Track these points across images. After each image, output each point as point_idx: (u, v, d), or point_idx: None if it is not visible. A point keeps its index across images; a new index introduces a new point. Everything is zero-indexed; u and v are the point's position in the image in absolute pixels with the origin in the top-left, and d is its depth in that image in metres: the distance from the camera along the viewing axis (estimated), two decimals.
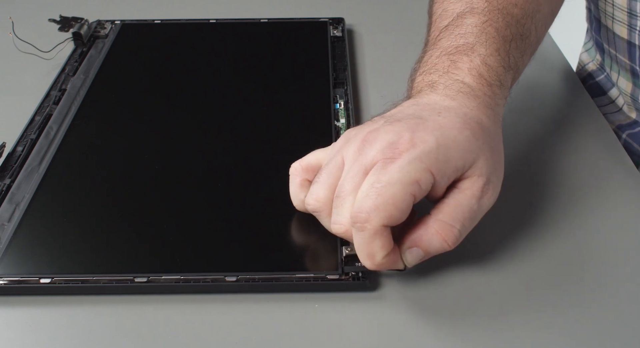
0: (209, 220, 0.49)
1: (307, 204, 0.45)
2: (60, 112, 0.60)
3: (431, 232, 0.42)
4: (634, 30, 0.59)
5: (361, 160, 0.42)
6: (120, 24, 0.72)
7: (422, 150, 0.41)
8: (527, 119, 0.59)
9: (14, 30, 0.67)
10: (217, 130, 0.57)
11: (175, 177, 0.52)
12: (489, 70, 0.46)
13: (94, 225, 0.48)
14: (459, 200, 0.42)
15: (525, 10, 0.51)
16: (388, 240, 0.41)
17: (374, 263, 0.42)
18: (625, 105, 0.67)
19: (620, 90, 0.66)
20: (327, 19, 0.72)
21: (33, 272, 0.44)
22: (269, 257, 0.46)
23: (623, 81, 0.65)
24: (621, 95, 0.67)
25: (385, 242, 0.41)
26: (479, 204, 0.42)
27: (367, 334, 0.42)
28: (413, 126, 0.42)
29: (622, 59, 0.63)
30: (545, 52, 0.70)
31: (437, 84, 0.46)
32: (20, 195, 0.51)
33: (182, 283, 0.44)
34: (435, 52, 0.49)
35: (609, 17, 0.62)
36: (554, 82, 0.66)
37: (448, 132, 0.42)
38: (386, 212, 0.40)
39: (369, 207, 0.40)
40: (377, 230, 0.40)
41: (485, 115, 0.45)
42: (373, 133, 0.43)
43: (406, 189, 0.40)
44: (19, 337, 0.42)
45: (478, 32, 0.48)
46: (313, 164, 0.46)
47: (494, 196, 0.43)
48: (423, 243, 0.42)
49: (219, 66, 0.66)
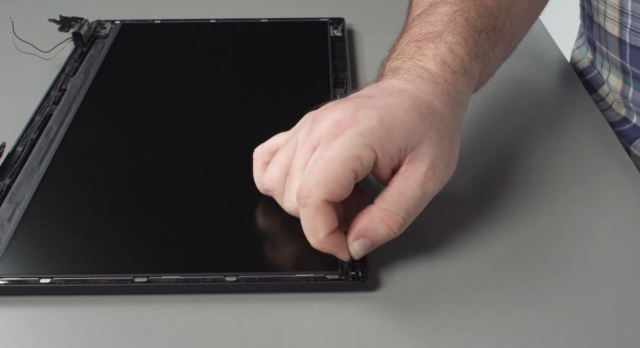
0: (208, 220, 0.49)
1: (263, 183, 0.46)
2: (60, 112, 0.60)
3: (376, 221, 0.42)
4: (625, 28, 0.59)
5: (310, 138, 0.43)
6: (120, 24, 0.72)
7: (364, 127, 0.42)
8: (522, 116, 0.60)
9: (14, 30, 0.67)
10: (217, 130, 0.57)
11: (175, 177, 0.52)
12: (454, 58, 0.46)
13: (93, 225, 0.48)
14: (402, 188, 0.42)
15: (501, 3, 0.51)
16: (331, 217, 0.42)
17: (317, 240, 0.42)
18: (615, 103, 0.67)
19: (610, 88, 0.67)
20: (327, 19, 0.72)
21: (33, 272, 0.44)
22: (269, 257, 0.46)
23: (613, 78, 0.65)
24: (611, 93, 0.67)
25: (327, 219, 0.41)
26: (422, 191, 0.43)
27: (367, 334, 0.42)
28: (360, 104, 0.43)
29: (613, 56, 0.63)
30: (542, 48, 0.70)
31: (399, 69, 0.47)
32: (20, 195, 0.51)
33: (182, 283, 0.44)
34: (405, 39, 0.49)
35: (601, 15, 0.62)
36: (552, 78, 0.66)
37: (394, 111, 0.43)
38: (327, 187, 0.41)
39: (311, 182, 0.41)
40: (318, 206, 0.41)
41: (442, 101, 0.45)
42: (322, 112, 0.44)
43: (347, 164, 0.41)
44: (19, 337, 0.42)
45: (447, 21, 0.48)
46: (274, 146, 0.47)
47: (439, 183, 0.43)
48: (369, 233, 0.42)
49: (219, 66, 0.66)
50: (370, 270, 0.45)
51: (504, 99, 0.62)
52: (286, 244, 0.47)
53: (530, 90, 0.63)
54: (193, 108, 0.60)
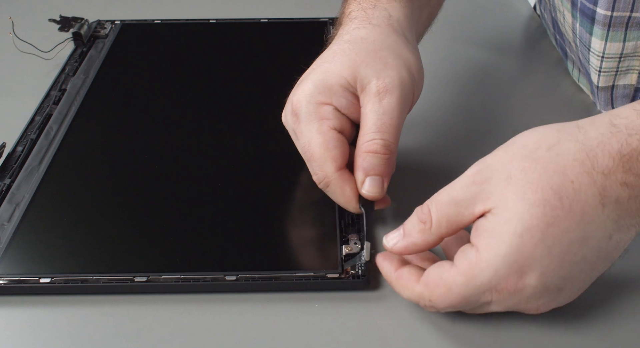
0: (208, 220, 0.49)
1: None
2: (60, 112, 0.60)
3: (364, 157, 0.44)
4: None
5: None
6: (120, 24, 0.72)
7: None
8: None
9: (14, 30, 0.67)
10: (217, 130, 0.57)
11: (175, 177, 0.52)
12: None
13: (93, 225, 0.48)
14: (367, 117, 0.45)
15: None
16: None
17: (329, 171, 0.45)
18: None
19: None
20: (327, 19, 0.72)
21: (33, 271, 0.44)
22: (269, 256, 0.46)
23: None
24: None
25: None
26: (381, 106, 0.44)
27: (367, 334, 0.42)
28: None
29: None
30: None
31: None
32: (20, 195, 0.51)
33: (181, 283, 0.44)
34: None
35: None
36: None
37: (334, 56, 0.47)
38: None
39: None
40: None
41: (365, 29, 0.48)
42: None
43: (323, 128, 0.46)
44: (19, 337, 0.42)
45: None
46: None
47: (395, 95, 0.45)
48: (367, 169, 0.44)
49: (219, 66, 0.66)
50: (370, 269, 0.45)
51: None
52: (286, 243, 0.47)
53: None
54: (193, 108, 0.60)
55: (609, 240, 0.38)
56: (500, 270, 0.37)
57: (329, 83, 0.45)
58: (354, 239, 0.46)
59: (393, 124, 0.45)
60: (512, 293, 0.38)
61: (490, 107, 0.62)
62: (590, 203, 0.37)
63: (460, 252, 0.39)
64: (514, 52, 0.72)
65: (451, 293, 0.39)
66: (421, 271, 0.41)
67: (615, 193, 0.37)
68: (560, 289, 0.38)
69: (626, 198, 0.38)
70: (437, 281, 0.39)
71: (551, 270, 0.37)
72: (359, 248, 0.46)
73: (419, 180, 0.51)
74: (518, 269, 0.37)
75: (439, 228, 0.40)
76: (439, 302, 0.39)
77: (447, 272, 0.39)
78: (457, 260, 0.39)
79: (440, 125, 0.59)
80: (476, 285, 0.38)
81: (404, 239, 0.41)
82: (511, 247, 0.37)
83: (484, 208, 0.38)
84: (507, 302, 0.39)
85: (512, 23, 0.76)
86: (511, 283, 0.37)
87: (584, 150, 0.38)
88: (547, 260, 0.37)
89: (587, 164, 0.38)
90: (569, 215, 0.37)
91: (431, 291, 0.39)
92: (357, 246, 0.46)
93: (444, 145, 0.57)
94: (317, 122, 0.45)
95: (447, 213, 0.39)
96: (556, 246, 0.37)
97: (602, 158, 0.38)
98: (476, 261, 0.38)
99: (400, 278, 0.41)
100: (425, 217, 0.40)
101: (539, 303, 0.39)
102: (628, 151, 0.37)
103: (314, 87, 0.45)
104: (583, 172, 0.37)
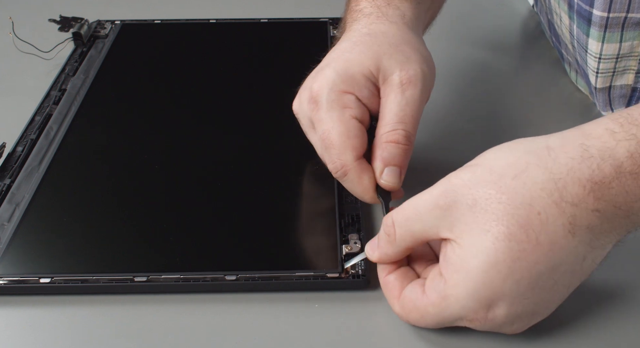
0: (208, 219, 0.49)
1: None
2: (60, 112, 0.60)
3: (384, 147, 0.44)
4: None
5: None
6: (120, 24, 0.72)
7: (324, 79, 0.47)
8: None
9: (14, 30, 0.67)
10: (216, 130, 0.57)
11: (174, 177, 0.52)
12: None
13: (93, 225, 0.48)
14: (388, 108, 0.45)
15: None
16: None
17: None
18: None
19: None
20: (327, 19, 0.72)
21: (33, 272, 0.44)
22: (269, 256, 0.46)
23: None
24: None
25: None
26: (404, 97, 0.45)
27: (367, 334, 0.42)
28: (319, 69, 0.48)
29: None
30: None
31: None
32: (20, 195, 0.51)
33: (181, 283, 0.44)
34: None
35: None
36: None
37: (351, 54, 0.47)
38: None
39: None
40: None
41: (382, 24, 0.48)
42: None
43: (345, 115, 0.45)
44: (19, 337, 0.42)
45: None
46: None
47: (419, 87, 0.45)
48: (387, 160, 0.44)
49: (219, 66, 0.66)
50: (370, 269, 0.45)
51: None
52: (286, 243, 0.47)
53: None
54: (193, 108, 0.60)
55: (582, 261, 0.38)
56: (469, 305, 0.37)
57: (351, 72, 0.45)
58: (354, 239, 0.46)
59: (414, 115, 0.45)
60: (483, 323, 0.38)
61: (488, 106, 0.62)
62: (559, 233, 0.36)
63: (430, 280, 0.39)
64: (513, 51, 0.72)
65: (424, 320, 0.40)
66: (407, 279, 0.41)
67: (587, 220, 0.36)
68: (533, 313, 0.39)
69: (598, 224, 0.37)
70: (411, 307, 0.40)
71: (520, 300, 0.37)
72: (359, 247, 0.46)
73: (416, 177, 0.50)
74: (487, 303, 0.37)
75: (403, 241, 0.40)
76: (415, 324, 0.40)
77: (420, 300, 0.39)
78: (427, 289, 0.39)
79: (438, 124, 0.59)
80: (447, 316, 0.39)
81: (377, 249, 0.42)
82: (478, 284, 0.37)
83: (449, 235, 0.38)
84: (481, 328, 0.39)
85: (511, 22, 0.76)
86: (481, 315, 0.38)
87: (552, 179, 0.37)
88: (515, 292, 0.37)
89: (555, 195, 0.36)
90: (537, 248, 0.36)
91: (407, 314, 0.40)
92: (357, 246, 0.46)
93: (441, 144, 0.57)
94: (339, 110, 0.45)
95: (412, 230, 0.39)
96: (524, 279, 0.36)
97: (572, 186, 0.36)
98: (445, 295, 0.38)
99: (386, 287, 0.42)
100: (389, 229, 0.40)
101: (513, 327, 0.39)
102: (600, 178, 0.36)
103: (337, 75, 0.45)
104: (551, 203, 0.36)
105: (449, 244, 0.38)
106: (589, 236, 0.37)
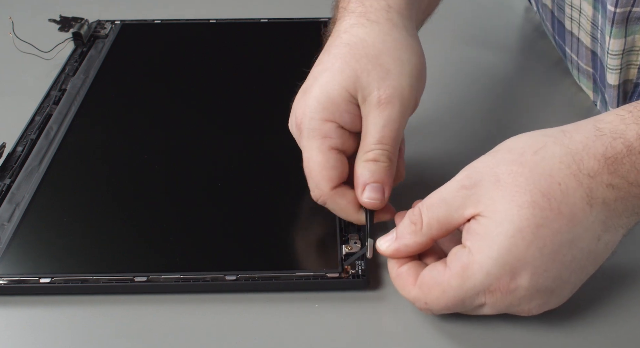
0: (208, 219, 0.49)
1: None
2: (60, 112, 0.60)
3: (363, 166, 0.44)
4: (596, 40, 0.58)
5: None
6: (120, 24, 0.72)
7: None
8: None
9: (14, 30, 0.67)
10: (216, 130, 0.57)
11: (175, 177, 0.52)
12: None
13: (93, 225, 0.48)
14: (367, 129, 0.45)
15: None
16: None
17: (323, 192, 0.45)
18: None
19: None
20: (327, 19, 0.72)
21: (33, 272, 0.44)
22: (269, 256, 0.46)
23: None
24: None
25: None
26: (382, 116, 0.44)
27: (367, 334, 0.42)
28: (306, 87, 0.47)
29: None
30: None
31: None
32: (20, 195, 0.51)
33: (181, 283, 0.44)
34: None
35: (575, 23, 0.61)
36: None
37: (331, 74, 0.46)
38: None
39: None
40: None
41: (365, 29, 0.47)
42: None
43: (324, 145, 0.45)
44: (19, 337, 0.42)
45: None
46: None
47: (397, 104, 0.44)
48: (368, 178, 0.44)
49: (219, 66, 0.66)
50: (370, 269, 0.45)
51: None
52: (286, 243, 0.47)
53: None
54: (193, 108, 0.60)
55: (597, 241, 0.39)
56: (493, 272, 0.38)
57: (331, 97, 0.45)
58: (354, 239, 0.46)
59: (393, 135, 0.44)
60: (504, 294, 0.38)
61: (489, 107, 0.62)
62: (578, 205, 0.38)
63: (452, 254, 0.40)
64: (514, 51, 0.72)
65: (445, 295, 0.39)
66: (421, 268, 0.41)
67: (602, 194, 0.38)
68: (551, 291, 0.39)
69: (612, 200, 0.38)
70: (432, 284, 0.39)
71: (542, 270, 0.38)
72: (359, 247, 0.46)
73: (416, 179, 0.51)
74: (510, 270, 0.37)
75: (429, 229, 0.40)
76: (434, 305, 0.40)
77: (441, 274, 0.39)
78: (449, 262, 0.39)
79: (438, 125, 0.59)
80: (470, 287, 0.38)
81: (395, 241, 0.41)
82: (503, 249, 0.37)
83: (474, 211, 0.39)
84: (500, 304, 0.39)
85: (512, 22, 0.76)
86: (504, 284, 0.38)
87: (570, 153, 0.39)
88: (539, 261, 0.37)
89: (573, 167, 0.38)
90: (558, 217, 0.37)
91: (426, 294, 0.40)
92: (357, 245, 0.46)
93: (441, 145, 0.57)
94: (318, 140, 0.45)
95: (438, 215, 0.40)
96: (547, 247, 0.37)
97: (587, 161, 0.38)
98: (469, 263, 0.38)
99: (399, 278, 0.41)
100: (416, 218, 0.41)
101: (531, 305, 0.39)
102: (612, 154, 0.38)
103: (318, 103, 0.45)
104: (570, 174, 0.38)
105: (473, 219, 0.39)
106: (604, 213, 0.38)
